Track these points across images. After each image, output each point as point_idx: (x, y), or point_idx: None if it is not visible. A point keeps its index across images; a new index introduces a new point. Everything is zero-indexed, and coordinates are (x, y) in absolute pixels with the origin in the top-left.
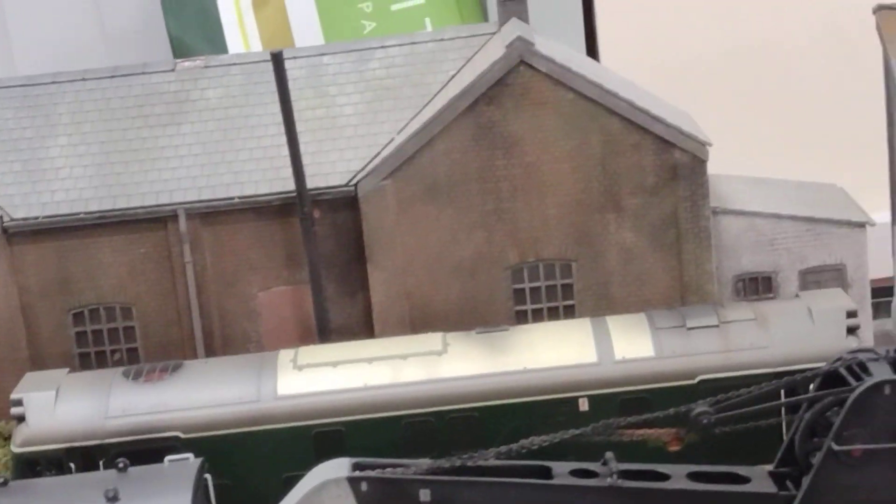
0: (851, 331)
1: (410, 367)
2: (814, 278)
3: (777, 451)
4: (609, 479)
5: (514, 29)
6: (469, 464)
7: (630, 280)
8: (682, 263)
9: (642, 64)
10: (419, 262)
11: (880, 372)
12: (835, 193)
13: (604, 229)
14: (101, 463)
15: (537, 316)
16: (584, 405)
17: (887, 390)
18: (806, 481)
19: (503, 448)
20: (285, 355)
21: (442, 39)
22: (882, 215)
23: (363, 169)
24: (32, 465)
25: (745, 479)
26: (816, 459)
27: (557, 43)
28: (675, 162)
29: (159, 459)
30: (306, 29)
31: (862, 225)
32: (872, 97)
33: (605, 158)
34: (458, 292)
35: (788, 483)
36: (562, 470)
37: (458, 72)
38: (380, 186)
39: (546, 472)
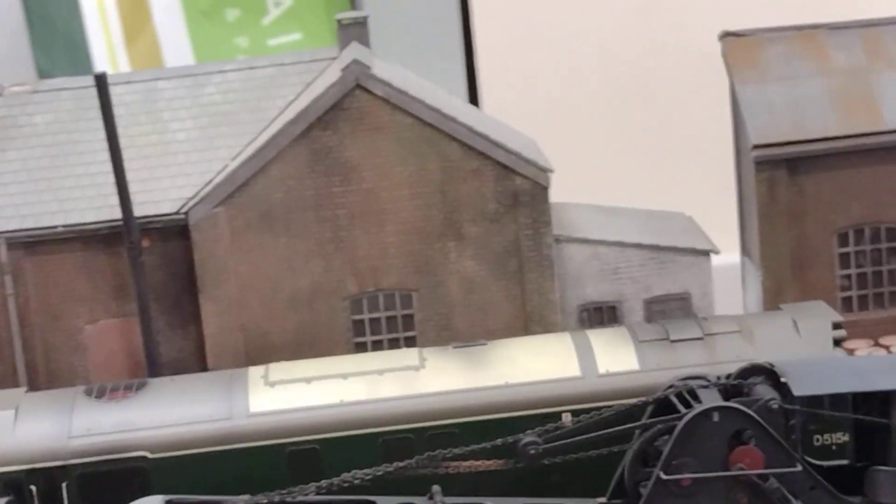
0: (837, 343)
1: (387, 383)
2: (659, 307)
3: None
4: None
5: (354, 53)
6: (288, 499)
7: (472, 310)
8: (525, 292)
9: (522, 101)
10: (254, 292)
11: (710, 399)
12: (682, 222)
13: (445, 258)
14: (63, 486)
15: (377, 347)
16: (567, 419)
17: (716, 417)
18: None
19: (324, 482)
20: (255, 371)
21: (282, 64)
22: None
23: (195, 196)
24: None
25: None
26: (646, 489)
27: (398, 67)
28: (517, 189)
29: (126, 481)
30: (180, 63)
31: (706, 253)
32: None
33: (445, 185)
34: (295, 324)
35: None
36: (387, 503)
37: (298, 97)
38: (212, 214)
39: None
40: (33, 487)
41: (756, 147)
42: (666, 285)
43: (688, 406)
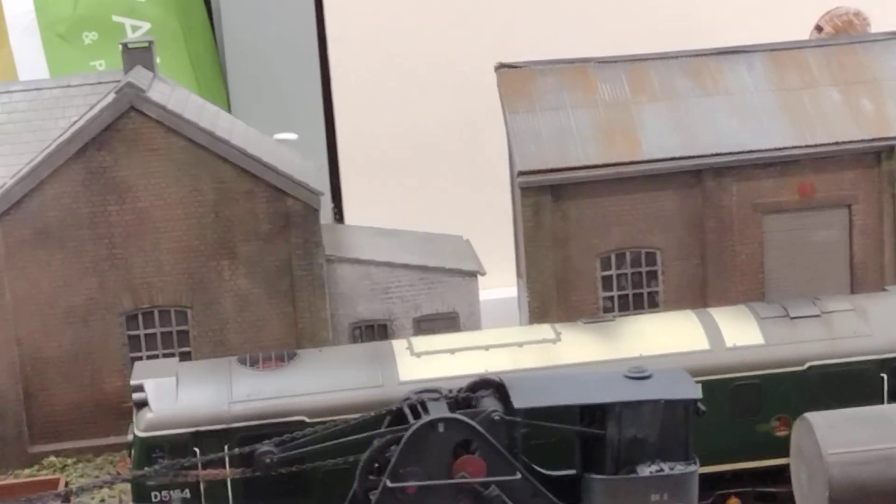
0: None
1: (528, 354)
2: (428, 326)
3: None
4: None
5: (135, 76)
6: None
7: (246, 326)
8: (297, 310)
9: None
10: (29, 308)
11: (437, 410)
12: (456, 244)
13: (218, 276)
14: (225, 447)
15: None
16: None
17: (441, 428)
18: None
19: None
20: (399, 344)
21: (68, 86)
22: None
23: None
24: (155, 450)
25: None
26: (374, 497)
27: (180, 89)
28: (288, 210)
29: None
30: None
31: (473, 274)
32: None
33: (218, 205)
34: (70, 338)
35: None
36: None
37: (81, 118)
38: None
39: None
40: (197, 449)
41: (522, 174)
42: (435, 304)
43: (418, 417)
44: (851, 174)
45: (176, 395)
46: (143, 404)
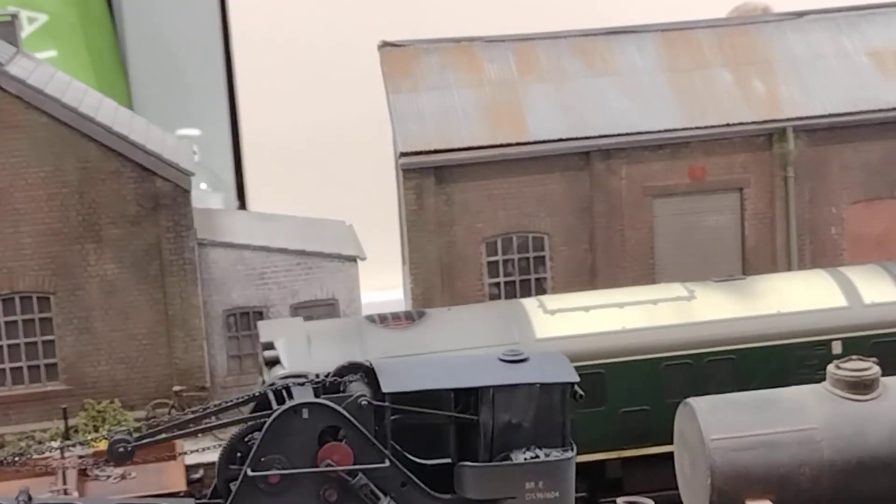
0: None
1: (664, 311)
2: (306, 313)
3: None
4: None
5: None
6: None
7: (114, 313)
8: (168, 296)
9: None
10: None
11: (303, 395)
12: (338, 229)
13: (83, 260)
14: None
15: (14, 352)
16: (837, 348)
17: (305, 414)
18: None
19: None
20: (529, 302)
21: None
22: None
23: None
24: None
25: None
26: (235, 486)
27: (45, 65)
28: (157, 191)
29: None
30: None
31: (353, 259)
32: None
33: (83, 186)
34: None
35: None
36: None
37: None
38: None
39: None
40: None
41: (403, 154)
42: (313, 290)
43: (283, 403)
44: (743, 157)
45: (309, 352)
46: (274, 362)
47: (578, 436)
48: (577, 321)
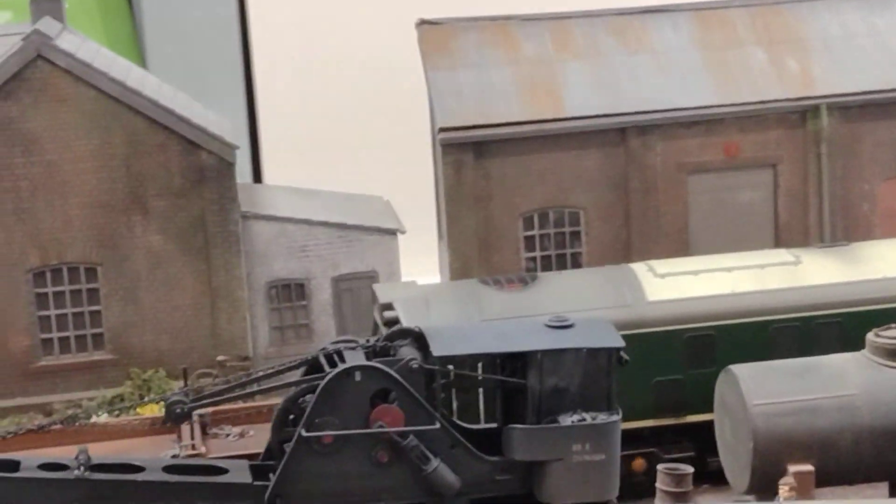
0: None
1: (772, 276)
2: (346, 285)
3: None
4: (77, 472)
5: (45, 26)
6: None
7: (158, 284)
8: (212, 268)
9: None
10: None
11: (354, 359)
12: (376, 205)
13: (130, 232)
14: (479, 365)
15: (62, 322)
16: None
17: (358, 377)
18: (278, 468)
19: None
20: (638, 266)
21: None
22: None
23: None
24: None
25: (223, 471)
26: (289, 446)
27: (90, 42)
28: (202, 164)
29: None
30: None
31: (393, 232)
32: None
33: (130, 158)
34: None
35: (271, 475)
36: (31, 463)
37: None
38: None
39: (14, 466)
40: (451, 366)
41: (442, 130)
42: (354, 263)
43: (335, 367)
44: (776, 134)
45: (427, 312)
46: (393, 322)
47: (689, 396)
48: (688, 284)
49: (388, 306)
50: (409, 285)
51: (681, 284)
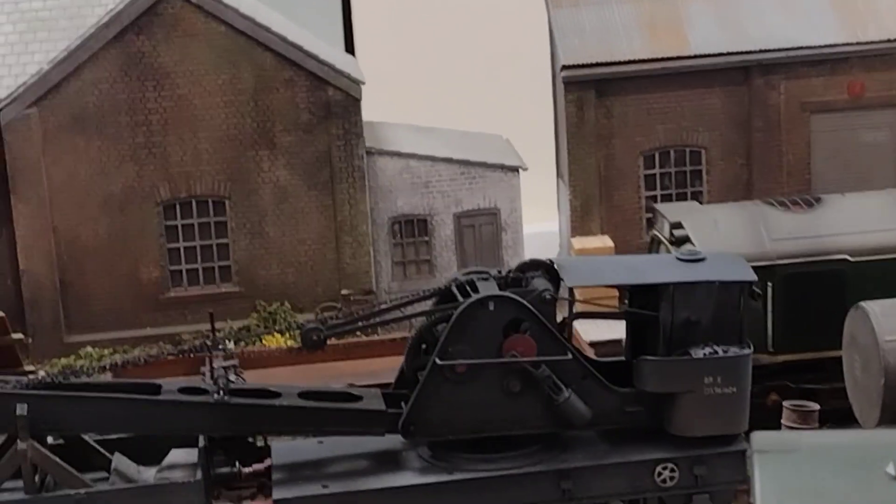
0: None
1: None
2: (468, 222)
3: None
4: (216, 396)
5: None
6: (73, 380)
7: (284, 219)
8: (337, 203)
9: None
10: (66, 195)
11: (488, 289)
12: (496, 143)
13: (257, 166)
14: (769, 285)
15: (190, 254)
16: None
17: (491, 306)
18: (412, 396)
19: None
20: None
21: None
22: None
23: (8, 97)
24: None
25: (357, 398)
26: (423, 375)
27: None
28: (329, 100)
29: (825, 282)
30: None
31: (515, 169)
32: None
33: (258, 94)
34: (107, 227)
35: (403, 404)
36: (171, 387)
37: (120, 2)
38: (23, 115)
39: (155, 390)
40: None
41: (565, 67)
42: (476, 200)
43: (468, 297)
44: None
45: (717, 231)
46: (683, 241)
47: None
48: None
49: (678, 225)
50: (692, 205)
51: None
